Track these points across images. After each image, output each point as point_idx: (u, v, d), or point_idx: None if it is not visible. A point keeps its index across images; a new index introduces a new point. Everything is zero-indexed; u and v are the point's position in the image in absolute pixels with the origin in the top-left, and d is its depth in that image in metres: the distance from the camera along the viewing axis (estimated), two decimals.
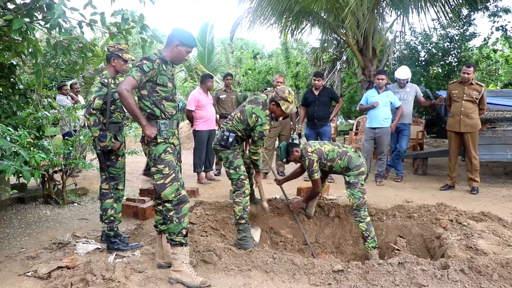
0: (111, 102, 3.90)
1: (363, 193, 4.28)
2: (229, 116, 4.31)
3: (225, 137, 4.15)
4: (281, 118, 4.81)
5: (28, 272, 3.41)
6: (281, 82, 7.31)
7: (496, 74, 17.54)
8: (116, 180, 4.07)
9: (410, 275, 3.07)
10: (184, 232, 3.22)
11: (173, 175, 3.23)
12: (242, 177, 4.16)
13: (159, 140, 3.21)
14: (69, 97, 8.06)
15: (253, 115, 4.04)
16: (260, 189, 4.62)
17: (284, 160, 4.53)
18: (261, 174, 4.65)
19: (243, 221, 4.13)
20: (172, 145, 3.29)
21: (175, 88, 3.41)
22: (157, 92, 3.22)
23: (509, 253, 3.44)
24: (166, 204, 3.23)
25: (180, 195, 3.24)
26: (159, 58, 3.20)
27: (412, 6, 8.63)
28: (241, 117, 4.13)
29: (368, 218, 4.29)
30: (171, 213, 3.21)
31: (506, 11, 12.40)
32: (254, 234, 4.40)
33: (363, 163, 4.39)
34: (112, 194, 4.02)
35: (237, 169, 4.16)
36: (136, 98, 3.18)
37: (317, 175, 4.42)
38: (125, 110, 3.58)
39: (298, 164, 4.84)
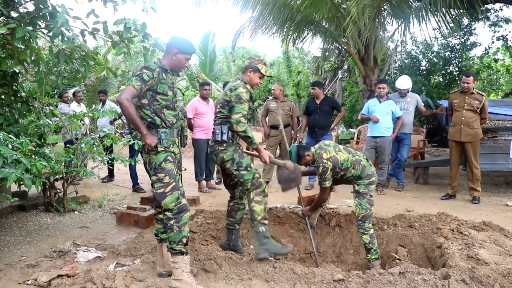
0: None
1: (370, 204, 4.20)
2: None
3: (218, 131, 3.78)
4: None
5: (28, 280, 3.40)
6: (280, 90, 7.37)
7: (497, 84, 17.60)
8: None
9: (411, 284, 3.06)
10: (184, 240, 3.22)
11: (174, 183, 3.24)
12: (257, 175, 3.77)
13: (159, 149, 3.22)
14: (71, 105, 8.08)
15: (227, 91, 3.82)
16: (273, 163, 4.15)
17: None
18: (263, 150, 3.97)
19: (266, 221, 3.74)
20: (172, 154, 3.30)
21: (175, 97, 3.42)
22: (158, 100, 3.23)
23: (510, 263, 3.42)
24: (167, 213, 3.22)
25: (181, 204, 3.24)
26: (158, 66, 3.23)
27: (413, 15, 8.67)
28: (221, 104, 3.87)
29: (372, 230, 4.21)
30: (172, 222, 3.21)
31: (507, 21, 12.49)
32: None
33: (374, 173, 4.30)
34: None
35: (249, 168, 3.73)
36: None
37: (328, 183, 4.25)
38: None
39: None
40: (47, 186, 5.72)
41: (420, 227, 4.57)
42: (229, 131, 3.75)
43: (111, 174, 8.20)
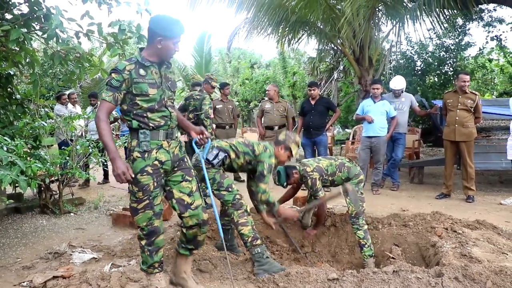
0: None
1: (362, 201, 4.31)
2: (223, 140, 4.01)
3: (214, 152, 3.67)
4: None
5: (24, 282, 3.40)
6: (275, 91, 7.39)
7: (492, 83, 17.69)
8: None
9: (405, 283, 3.08)
10: (156, 265, 2.96)
11: (147, 201, 2.82)
12: (238, 196, 3.68)
13: (135, 155, 2.78)
14: (68, 106, 8.07)
15: (261, 145, 3.85)
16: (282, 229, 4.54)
17: (285, 184, 4.34)
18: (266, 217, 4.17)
19: (259, 242, 3.60)
20: (156, 162, 2.81)
21: (169, 92, 2.93)
22: (137, 104, 2.77)
23: (503, 261, 3.46)
24: (139, 231, 2.93)
25: (152, 226, 2.87)
26: (133, 63, 2.76)
27: (408, 16, 8.70)
28: (245, 142, 3.87)
29: (366, 226, 4.32)
30: (143, 243, 2.92)
31: (501, 21, 12.58)
32: None
33: (361, 172, 4.45)
34: None
35: (230, 189, 3.67)
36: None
37: (321, 193, 4.35)
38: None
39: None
40: (42, 188, 5.72)
41: (415, 226, 4.60)
42: (224, 158, 3.72)
43: (106, 176, 8.19)
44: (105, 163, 6.68)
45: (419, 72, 13.22)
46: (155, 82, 2.81)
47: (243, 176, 6.45)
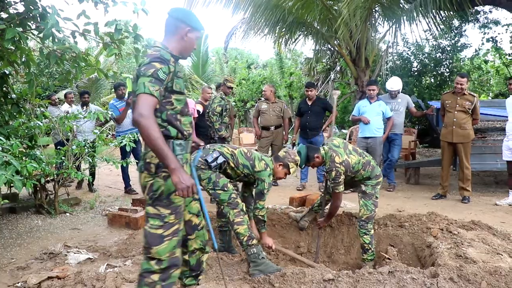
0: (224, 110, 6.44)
1: (375, 206, 4.20)
2: (226, 146, 3.85)
3: (214, 155, 3.58)
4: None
5: (18, 283, 3.38)
6: (271, 91, 7.40)
7: (488, 85, 17.77)
8: None
9: (400, 283, 3.08)
10: None
11: (177, 226, 2.41)
12: (233, 195, 3.61)
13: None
14: (60, 107, 8.00)
15: (263, 161, 3.75)
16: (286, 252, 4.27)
17: (303, 166, 4.17)
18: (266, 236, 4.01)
19: (254, 241, 3.56)
20: None
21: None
22: (172, 103, 2.35)
23: (497, 261, 3.47)
24: (151, 262, 2.38)
25: (174, 256, 2.42)
26: (171, 54, 2.39)
27: (404, 17, 8.72)
28: (247, 154, 3.75)
29: (372, 231, 4.25)
30: (156, 278, 2.37)
31: (496, 23, 12.66)
32: None
33: (381, 173, 4.33)
34: None
35: (225, 188, 3.58)
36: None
37: (341, 188, 4.07)
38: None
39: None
40: (38, 188, 5.69)
41: (410, 226, 4.61)
42: (223, 163, 3.62)
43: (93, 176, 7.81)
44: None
45: (416, 73, 13.26)
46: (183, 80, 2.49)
47: None
